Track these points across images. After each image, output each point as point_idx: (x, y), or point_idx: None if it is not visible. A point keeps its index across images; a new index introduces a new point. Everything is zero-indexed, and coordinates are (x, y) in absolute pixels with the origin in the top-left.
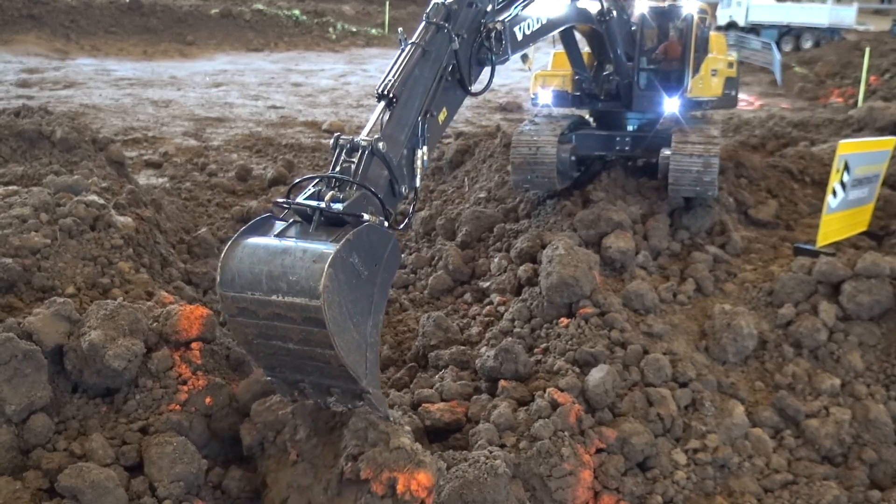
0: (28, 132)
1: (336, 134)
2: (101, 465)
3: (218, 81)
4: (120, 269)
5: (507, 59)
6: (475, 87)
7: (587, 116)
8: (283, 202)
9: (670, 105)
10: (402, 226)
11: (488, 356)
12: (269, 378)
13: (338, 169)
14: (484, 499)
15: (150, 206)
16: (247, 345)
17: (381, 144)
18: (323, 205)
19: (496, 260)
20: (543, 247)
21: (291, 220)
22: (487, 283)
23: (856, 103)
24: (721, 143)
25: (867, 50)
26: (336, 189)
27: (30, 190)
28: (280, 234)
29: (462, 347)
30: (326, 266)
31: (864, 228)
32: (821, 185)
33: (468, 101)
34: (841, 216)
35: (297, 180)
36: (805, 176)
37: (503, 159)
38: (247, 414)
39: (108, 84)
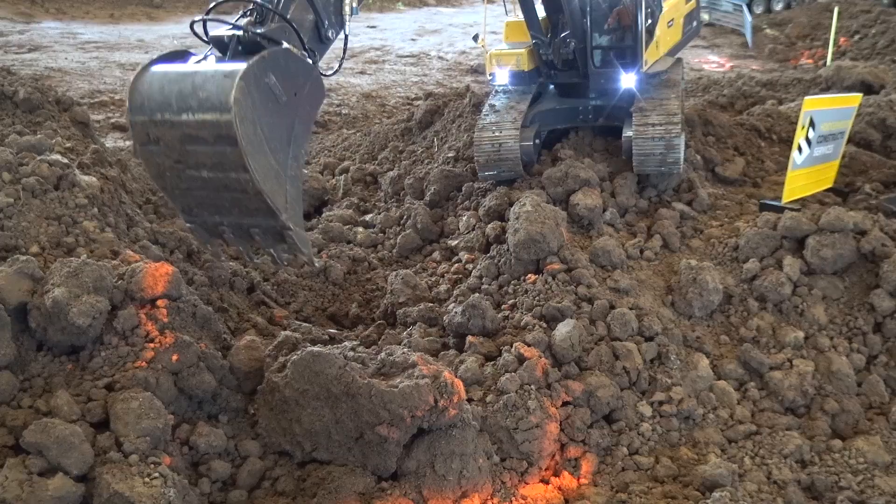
0: None
1: None
2: (67, 422)
3: (186, 45)
4: (84, 229)
5: None
6: None
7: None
8: (201, 19)
9: (627, 81)
10: (331, 72)
11: (456, 312)
12: (188, 225)
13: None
14: (452, 451)
15: (115, 166)
16: (161, 179)
17: None
18: (240, 32)
19: (464, 218)
20: (511, 205)
21: (208, 51)
22: (456, 242)
23: (825, 65)
24: (682, 116)
25: (836, 11)
26: (256, 20)
27: None
28: (195, 63)
29: (430, 304)
30: (237, 79)
31: (829, 185)
32: (788, 142)
33: (439, 63)
34: (806, 172)
35: (214, 4)
36: (772, 134)
37: (472, 119)
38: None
39: (74, 47)
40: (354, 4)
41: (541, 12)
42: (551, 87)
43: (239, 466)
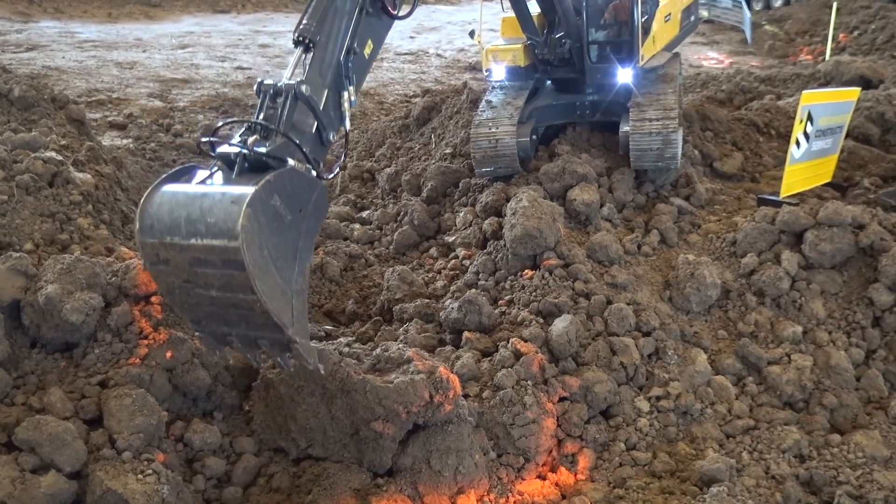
0: None
1: (259, 79)
2: (60, 419)
3: (184, 43)
4: (79, 226)
5: None
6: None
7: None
8: (207, 140)
9: (624, 76)
10: (331, 174)
11: (452, 308)
12: (197, 333)
13: (262, 116)
14: (447, 447)
15: (110, 163)
16: (170, 295)
17: (304, 87)
18: (245, 150)
19: (461, 214)
20: (508, 200)
21: (214, 168)
22: (453, 238)
23: (824, 61)
24: (679, 111)
25: (835, 6)
26: (261, 135)
27: None
28: (202, 182)
29: (427, 300)
30: (244, 206)
31: (827, 179)
32: (786, 137)
33: (437, 60)
34: (804, 167)
35: (221, 123)
36: (770, 129)
37: (469, 116)
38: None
39: (72, 46)
40: (353, 98)
41: (535, 9)
42: (548, 82)
43: (234, 463)
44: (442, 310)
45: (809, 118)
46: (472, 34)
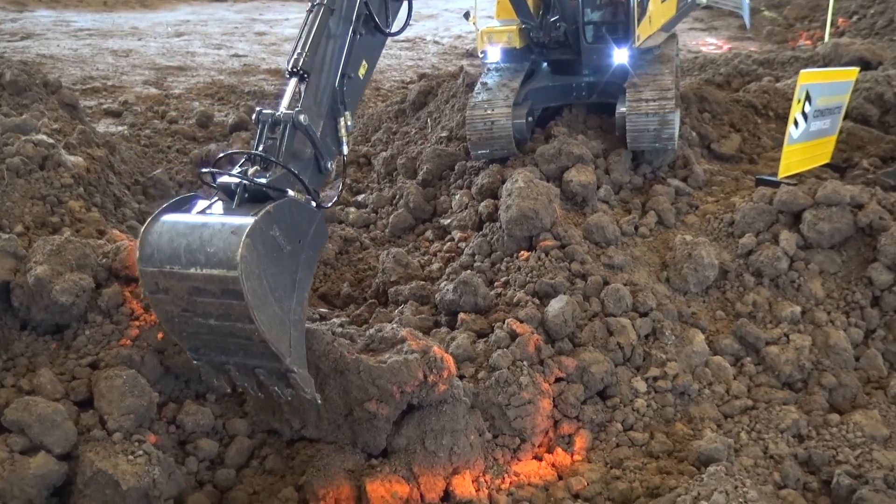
0: None
1: (257, 109)
2: (50, 400)
3: (180, 31)
4: (70, 208)
5: None
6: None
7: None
8: (207, 171)
9: (620, 57)
10: (330, 203)
11: (448, 289)
12: (195, 362)
13: (261, 147)
14: (442, 427)
15: (103, 147)
16: (169, 323)
17: (302, 117)
18: (246, 181)
19: (457, 197)
20: (504, 182)
21: (214, 198)
22: (448, 221)
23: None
24: (676, 92)
25: None
26: (261, 166)
27: None
28: (202, 211)
29: (422, 283)
30: (244, 237)
31: (826, 160)
32: (784, 119)
33: (434, 47)
34: (803, 147)
35: (221, 154)
36: (769, 111)
37: (466, 99)
38: None
39: (67, 35)
40: (349, 122)
41: None
42: (544, 64)
43: (227, 445)
44: (437, 292)
45: (808, 98)
46: (466, 16)
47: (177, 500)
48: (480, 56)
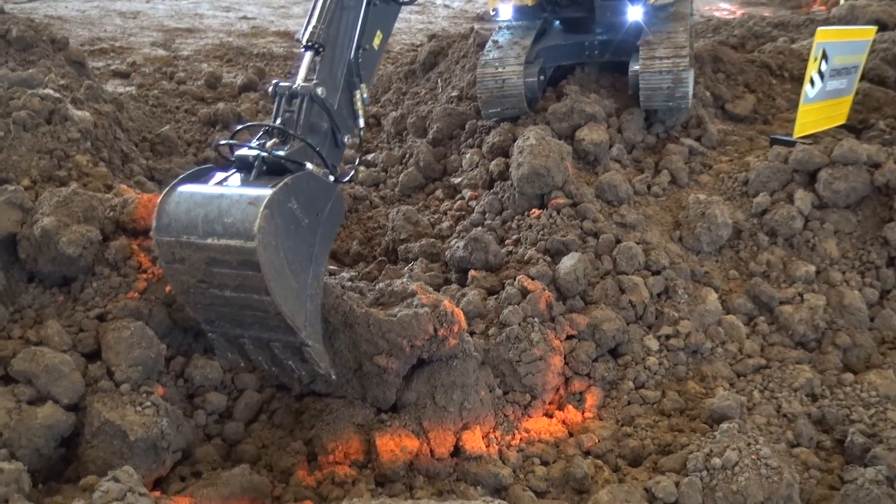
0: None
1: (273, 81)
2: (58, 351)
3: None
4: (77, 162)
5: None
6: None
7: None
8: (226, 143)
9: (634, 14)
10: (347, 177)
11: (458, 247)
12: (209, 335)
13: (279, 120)
14: (452, 382)
15: (110, 103)
16: (184, 294)
17: (319, 90)
18: (264, 153)
19: (468, 156)
20: (515, 141)
21: (232, 170)
22: (459, 179)
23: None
24: (690, 50)
25: None
26: (279, 139)
27: None
28: (219, 182)
29: (432, 240)
30: (262, 207)
31: (842, 121)
32: (800, 80)
33: (444, 11)
34: (819, 107)
35: (240, 127)
36: (784, 71)
37: (476, 60)
38: None
39: None
40: (365, 94)
41: None
42: (556, 22)
43: (235, 399)
44: (448, 249)
45: (824, 56)
46: None
47: (185, 452)
48: (492, 14)
